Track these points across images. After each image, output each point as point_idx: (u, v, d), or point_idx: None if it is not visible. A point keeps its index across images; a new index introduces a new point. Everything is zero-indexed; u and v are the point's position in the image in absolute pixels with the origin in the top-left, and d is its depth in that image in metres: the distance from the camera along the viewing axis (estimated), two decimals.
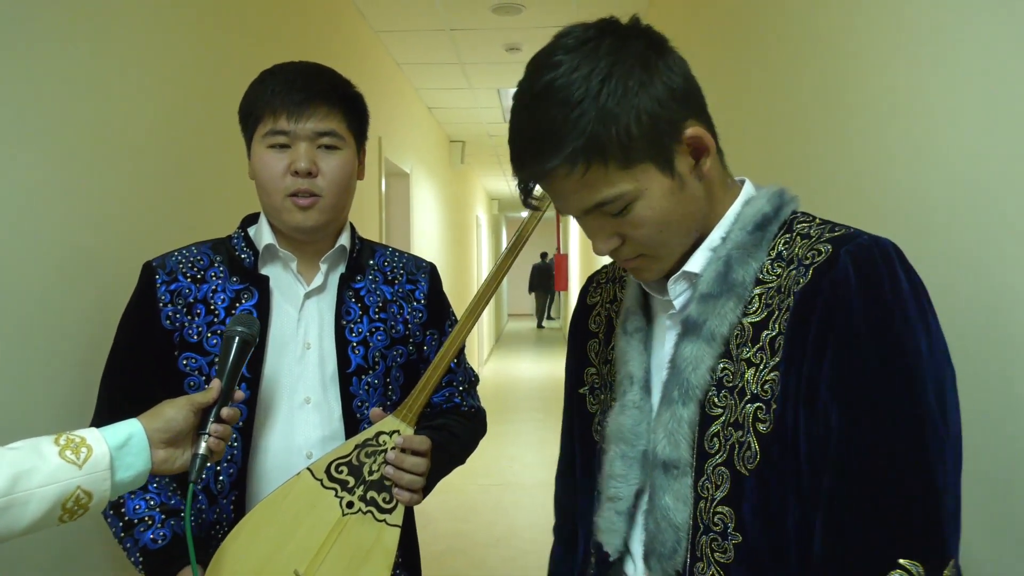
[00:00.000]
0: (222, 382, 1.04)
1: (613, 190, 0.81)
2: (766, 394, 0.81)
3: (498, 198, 13.78)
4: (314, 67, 1.29)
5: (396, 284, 1.36)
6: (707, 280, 0.86)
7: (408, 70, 4.94)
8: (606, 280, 1.07)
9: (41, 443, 0.89)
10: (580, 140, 0.78)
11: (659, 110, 0.80)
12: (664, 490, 0.86)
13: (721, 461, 0.83)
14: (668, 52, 0.84)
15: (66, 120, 1.37)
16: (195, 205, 1.88)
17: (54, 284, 1.34)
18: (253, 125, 1.24)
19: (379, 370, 1.29)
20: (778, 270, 0.84)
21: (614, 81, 0.78)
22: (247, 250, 1.28)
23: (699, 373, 0.85)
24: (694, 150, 0.84)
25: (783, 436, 0.79)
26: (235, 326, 1.09)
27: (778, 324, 0.81)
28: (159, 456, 0.97)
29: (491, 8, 3.78)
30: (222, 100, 1.97)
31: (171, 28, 1.79)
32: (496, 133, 7.17)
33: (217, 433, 1.02)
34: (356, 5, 3.71)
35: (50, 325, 1.32)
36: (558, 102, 0.78)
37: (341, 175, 1.24)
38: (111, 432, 0.94)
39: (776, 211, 0.87)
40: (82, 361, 1.37)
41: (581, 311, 1.09)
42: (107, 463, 0.90)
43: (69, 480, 0.87)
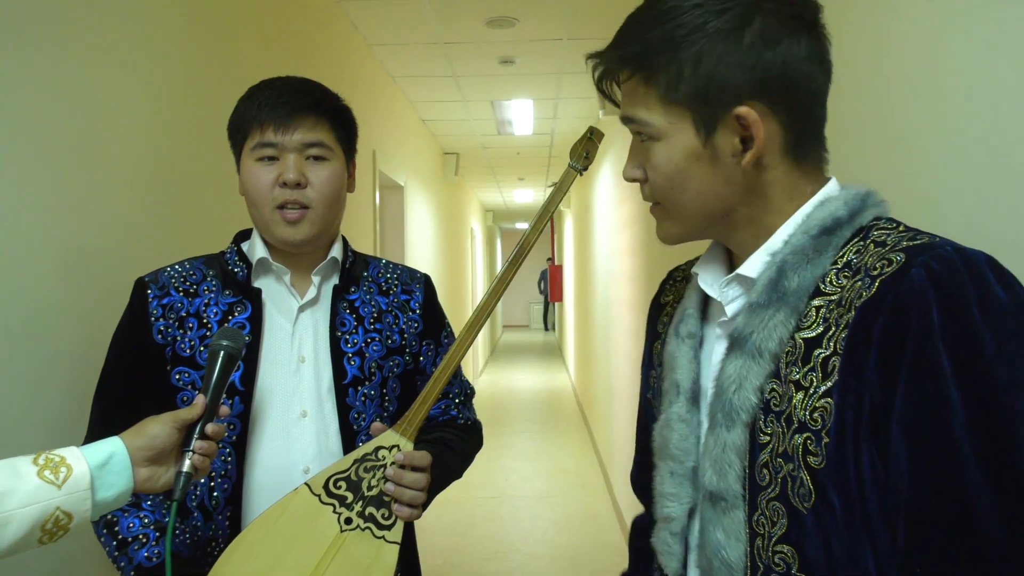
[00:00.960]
0: (206, 397, 1.03)
1: (643, 113, 0.79)
2: (815, 423, 0.70)
3: (492, 210, 13.79)
4: (300, 81, 1.28)
5: (391, 295, 1.35)
6: (758, 288, 0.77)
7: (402, 83, 4.94)
8: (681, 279, 1.00)
9: (19, 463, 0.86)
10: (637, 47, 0.77)
11: (721, 70, 0.74)
12: (714, 524, 0.77)
13: (774, 495, 0.73)
14: (792, 27, 0.75)
15: (60, 136, 1.36)
16: (188, 222, 1.87)
17: (47, 299, 1.32)
18: (241, 140, 1.24)
19: (375, 381, 1.27)
20: (843, 281, 0.72)
21: (703, 16, 0.74)
22: (240, 264, 1.27)
23: (743, 394, 0.75)
24: (744, 134, 0.76)
25: (842, 474, 0.68)
26: (220, 340, 1.07)
27: (834, 342, 0.70)
28: (142, 474, 0.95)
29: (484, 22, 3.79)
30: (216, 115, 1.97)
31: (166, 41, 1.79)
32: (490, 145, 7.18)
33: (201, 450, 0.99)
34: (350, 19, 3.72)
35: (43, 341, 1.31)
36: (648, 12, 0.78)
37: (330, 186, 1.24)
38: (92, 451, 0.91)
39: (852, 215, 0.76)
40: (75, 377, 1.35)
41: (654, 310, 1.02)
42: (87, 483, 0.88)
43: (48, 501, 0.85)
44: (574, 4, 3.58)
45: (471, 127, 6.36)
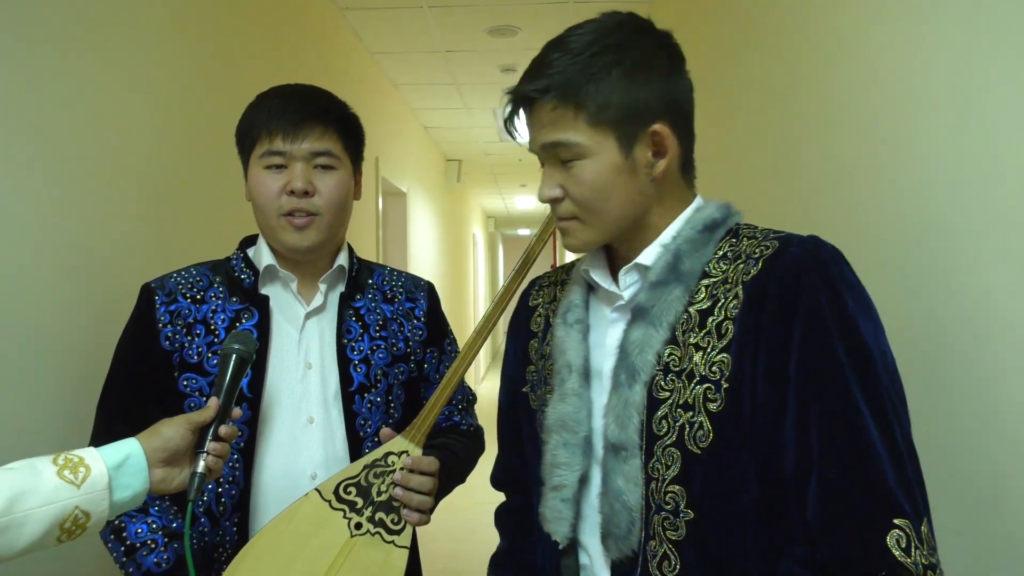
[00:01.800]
0: (219, 400, 1.04)
1: (572, 136, 0.89)
2: (715, 375, 0.86)
3: (494, 216, 13.80)
4: (309, 89, 1.30)
5: (396, 302, 1.36)
6: (657, 270, 0.92)
7: (405, 91, 4.97)
8: (548, 284, 1.12)
9: (39, 463, 0.88)
10: (563, 79, 0.88)
11: (642, 95, 0.89)
12: (616, 473, 0.89)
13: (671, 442, 0.87)
14: (677, 65, 0.94)
15: (66, 143, 1.38)
16: (193, 227, 1.89)
17: (52, 304, 1.34)
18: (249, 147, 1.25)
19: (381, 388, 1.29)
20: (723, 266, 0.91)
21: (614, 54, 0.88)
22: (247, 271, 1.28)
23: (645, 357, 0.89)
24: (656, 147, 0.91)
25: (738, 415, 0.84)
26: (232, 343, 1.09)
27: (724, 310, 0.88)
28: (157, 475, 0.97)
29: (486, 30, 3.82)
30: (221, 122, 1.99)
31: (172, 50, 1.81)
32: (492, 152, 7.20)
33: (215, 451, 1.01)
34: (352, 28, 3.75)
35: (48, 345, 1.33)
36: (562, 49, 0.90)
37: (337, 194, 1.25)
38: (109, 451, 0.93)
39: (723, 218, 0.94)
40: (80, 382, 1.37)
41: (523, 313, 1.13)
42: (105, 483, 0.90)
43: (67, 500, 0.87)
44: (574, 13, 3.61)
45: (473, 134, 6.38)
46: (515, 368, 1.11)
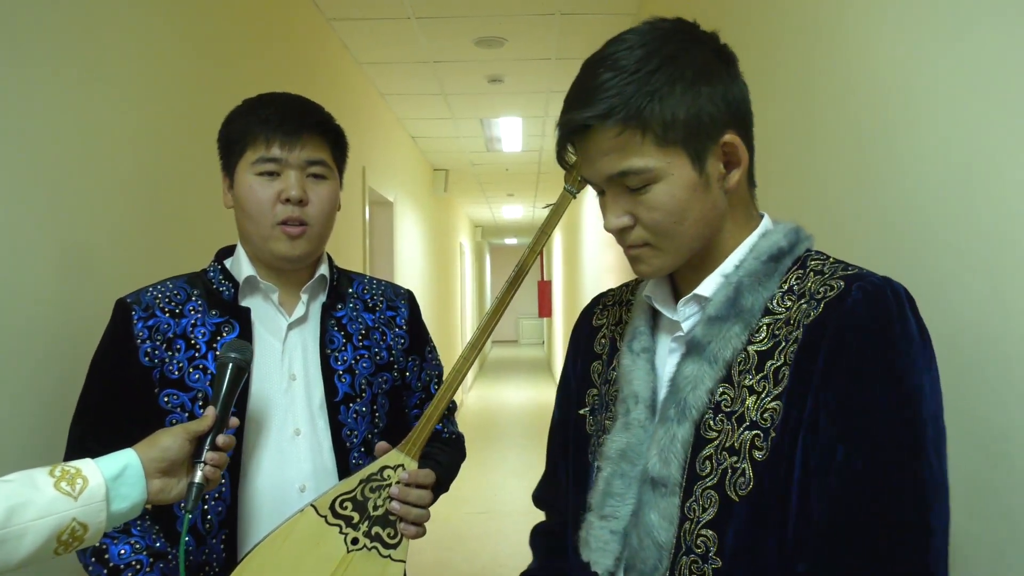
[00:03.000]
0: (216, 409, 1.03)
1: (642, 161, 0.83)
2: (765, 422, 0.81)
3: (481, 225, 13.81)
4: (301, 99, 1.30)
5: (377, 311, 1.36)
6: (716, 303, 0.87)
7: (392, 100, 4.97)
8: (612, 303, 1.08)
9: (36, 475, 0.87)
10: (622, 101, 0.81)
11: (707, 107, 0.83)
12: (651, 507, 0.86)
13: (712, 484, 0.84)
14: (734, 67, 0.88)
15: (50, 150, 1.37)
16: (178, 238, 1.87)
17: (29, 316, 1.32)
18: (239, 152, 1.23)
19: (366, 397, 1.28)
20: (788, 303, 0.85)
21: (672, 67, 0.82)
22: (225, 283, 1.26)
23: (697, 394, 0.85)
24: (727, 158, 0.86)
25: (777, 464, 0.80)
26: (228, 352, 1.08)
27: (784, 355, 0.82)
28: (155, 486, 0.96)
29: (474, 41, 3.83)
30: (206, 132, 1.97)
31: (159, 57, 1.80)
32: (479, 162, 7.21)
33: (213, 461, 1.01)
34: (340, 37, 3.75)
35: (25, 359, 1.31)
36: (613, 68, 0.83)
37: (329, 205, 1.25)
38: (106, 463, 0.92)
39: (791, 246, 0.88)
40: (57, 398, 1.34)
41: (585, 333, 1.08)
42: (103, 494, 0.89)
43: (64, 512, 0.86)
44: (561, 25, 3.63)
45: (460, 144, 6.39)
46: (575, 389, 1.06)
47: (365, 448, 1.26)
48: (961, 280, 0.96)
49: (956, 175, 0.98)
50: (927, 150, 1.04)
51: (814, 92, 1.43)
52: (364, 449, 1.26)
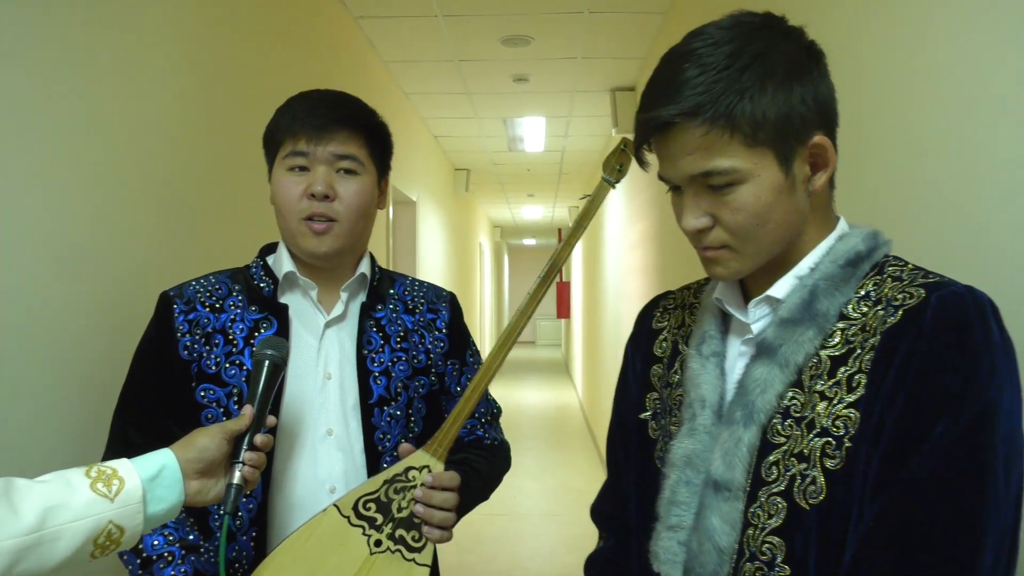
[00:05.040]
0: (253, 408, 1.02)
1: (728, 162, 0.81)
2: (837, 430, 0.79)
3: (501, 225, 13.80)
4: (338, 94, 1.29)
5: (417, 313, 1.34)
6: (789, 306, 0.85)
7: (415, 100, 4.97)
8: (674, 306, 1.06)
9: (71, 475, 0.86)
10: (710, 99, 0.79)
11: (798, 107, 0.81)
12: (713, 511, 0.84)
13: (779, 491, 0.81)
14: (823, 65, 0.86)
15: (84, 150, 1.37)
16: (212, 235, 1.88)
17: (71, 313, 1.33)
18: (275, 149, 1.24)
19: (401, 401, 1.27)
20: (864, 308, 0.83)
21: (762, 65, 0.80)
22: (266, 279, 1.26)
23: (766, 397, 0.83)
24: (814, 160, 0.84)
25: (851, 474, 0.78)
26: (264, 349, 1.07)
27: (859, 362, 0.80)
28: (192, 487, 0.94)
29: (500, 40, 3.82)
30: (235, 129, 1.98)
31: (185, 58, 1.80)
32: (500, 162, 7.20)
33: (251, 461, 0.99)
34: (366, 35, 3.75)
35: (61, 352, 1.31)
36: (699, 64, 0.80)
37: (358, 201, 1.23)
38: (143, 463, 0.91)
39: (870, 251, 0.86)
40: (98, 391, 1.35)
41: (645, 336, 1.06)
42: (139, 496, 0.88)
43: (101, 515, 0.84)
44: (589, 23, 3.60)
45: (482, 144, 6.38)
46: (635, 393, 1.04)
47: (397, 453, 1.25)
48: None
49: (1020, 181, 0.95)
50: (991, 155, 1.02)
51: (864, 91, 1.40)
52: (396, 454, 1.25)
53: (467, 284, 8.73)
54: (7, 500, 0.80)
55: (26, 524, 0.79)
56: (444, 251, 6.67)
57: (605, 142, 6.19)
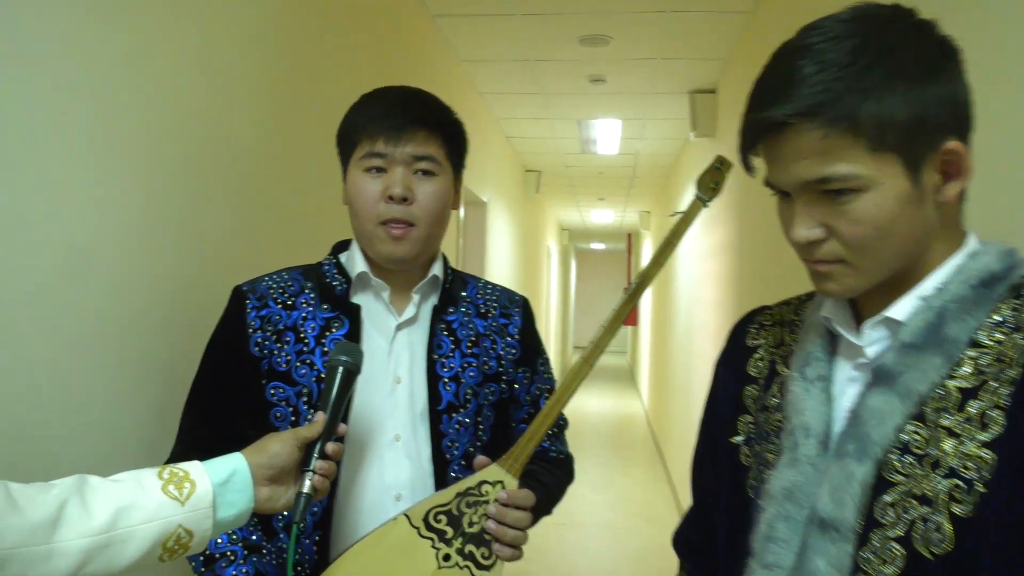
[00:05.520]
0: (326, 414, 1.00)
1: (848, 168, 0.74)
2: (968, 471, 0.71)
3: (569, 228, 13.75)
4: (415, 91, 1.26)
5: (489, 317, 1.31)
6: (913, 330, 0.78)
7: (489, 99, 4.96)
8: (772, 323, 0.99)
9: (144, 476, 0.86)
10: (831, 98, 0.72)
11: (933, 109, 0.74)
12: (818, 552, 0.77)
13: (895, 536, 0.74)
14: (958, 63, 0.78)
15: (160, 146, 1.38)
16: (287, 231, 1.89)
17: (143, 308, 1.34)
18: (350, 149, 1.22)
19: (470, 408, 1.23)
20: (999, 336, 0.75)
21: (891, 62, 0.73)
22: (339, 277, 1.25)
23: (883, 430, 0.76)
24: (946, 168, 0.77)
25: (986, 523, 0.70)
26: (339, 355, 1.05)
27: (995, 396, 0.72)
28: (262, 494, 0.93)
29: (578, 39, 3.77)
30: (311, 125, 1.99)
31: (263, 55, 1.81)
32: (573, 164, 7.15)
33: (322, 470, 0.97)
34: (443, 34, 3.75)
35: (139, 349, 1.32)
36: (817, 60, 0.74)
37: (436, 203, 1.21)
38: (214, 467, 0.90)
39: (1005, 271, 0.78)
40: (169, 386, 1.36)
41: (738, 353, 1.00)
42: (210, 500, 0.87)
43: (171, 518, 0.84)
44: (669, 23, 3.52)
45: (555, 145, 6.34)
46: (726, 414, 0.98)
47: (466, 461, 1.22)
48: None
49: None
50: None
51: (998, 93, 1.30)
52: (465, 463, 1.22)
53: (534, 287, 8.70)
54: (80, 497, 0.79)
55: (98, 523, 0.79)
56: (513, 253, 6.65)
57: (681, 146, 6.07)
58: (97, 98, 1.19)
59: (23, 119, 1.04)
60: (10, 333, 1.04)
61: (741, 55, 3.67)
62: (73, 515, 0.77)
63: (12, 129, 1.02)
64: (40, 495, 0.77)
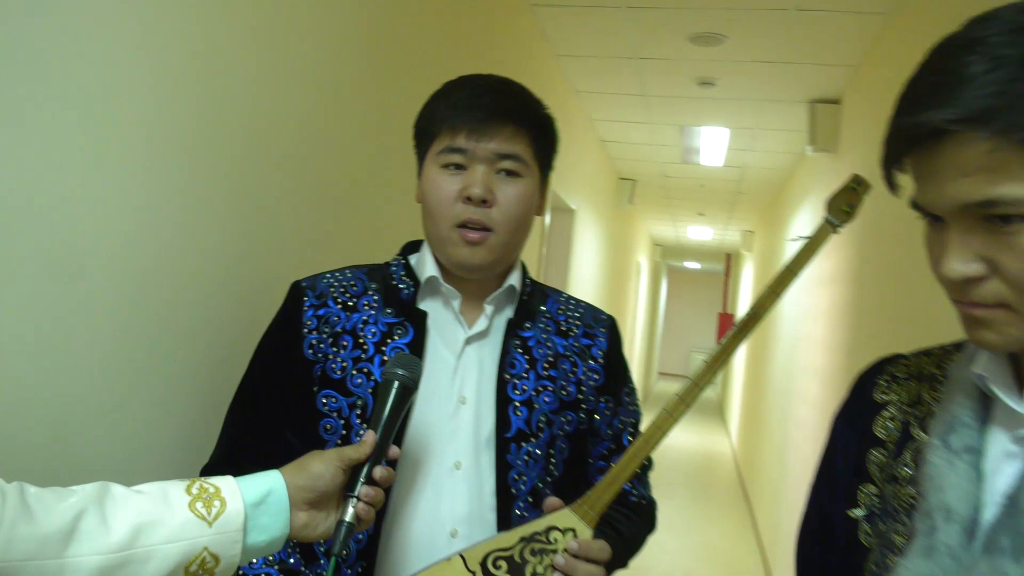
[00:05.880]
0: (376, 434, 0.96)
1: (1021, 189, 0.64)
2: None
3: (662, 244, 13.55)
4: (502, 81, 1.21)
5: (571, 337, 1.24)
6: None
7: (585, 99, 4.91)
8: (907, 376, 0.89)
9: (171, 490, 0.83)
10: (1004, 103, 0.63)
11: None
12: None
13: None
14: None
15: (224, 134, 1.37)
16: (352, 226, 1.87)
17: (191, 302, 1.33)
18: (428, 142, 1.18)
19: (542, 438, 1.17)
20: None
21: None
22: (406, 279, 1.21)
23: None
24: None
25: None
26: (395, 368, 1.00)
27: None
28: (299, 520, 0.89)
29: (688, 37, 3.67)
30: (392, 115, 1.97)
31: (344, 38, 1.80)
32: (672, 174, 7.02)
33: (367, 498, 0.93)
34: (540, 26, 3.72)
35: (185, 346, 1.31)
36: (989, 56, 0.65)
37: (518, 208, 1.15)
38: (249, 485, 0.86)
39: None
40: (215, 385, 1.34)
41: (863, 409, 0.91)
42: (240, 523, 0.83)
43: (196, 539, 0.80)
44: (793, 23, 3.38)
45: (653, 152, 6.23)
46: (844, 481, 0.90)
47: (533, 499, 1.15)
48: None
49: None
50: None
51: None
52: (532, 500, 1.15)
53: (620, 306, 8.57)
54: (99, 509, 0.76)
55: (116, 540, 0.76)
56: (600, 267, 6.56)
57: (796, 161, 5.86)
58: (156, 97, 1.19)
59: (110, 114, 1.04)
60: (50, 331, 1.03)
61: (874, 62, 3.49)
62: (90, 528, 0.74)
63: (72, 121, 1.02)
64: (57, 503, 0.74)
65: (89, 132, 1.05)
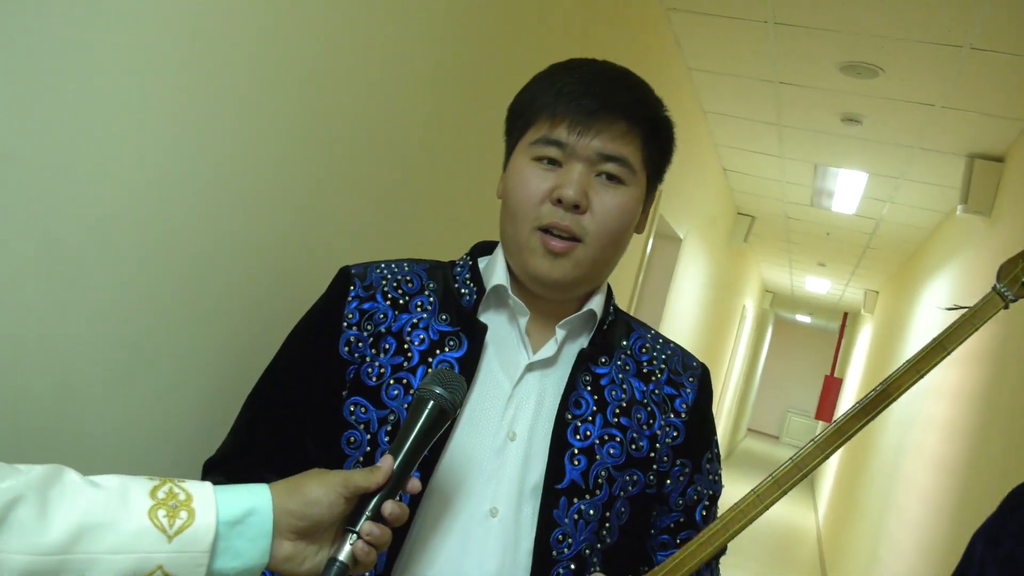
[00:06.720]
0: (395, 461, 0.85)
1: None
2: None
3: (773, 291, 13.16)
4: (619, 70, 1.10)
5: (652, 382, 1.11)
6: None
7: (712, 120, 4.74)
8: None
9: (133, 488, 0.72)
10: None
11: None
12: None
13: None
14: None
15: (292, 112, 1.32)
16: (416, 214, 1.79)
17: (250, 298, 1.26)
18: (521, 129, 1.07)
19: (600, 496, 1.03)
20: None
21: None
22: (470, 283, 1.10)
23: None
24: None
25: None
26: (433, 385, 0.89)
27: None
28: (283, 550, 0.78)
29: (839, 65, 3.46)
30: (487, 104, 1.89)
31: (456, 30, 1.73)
32: (797, 216, 6.75)
33: (371, 536, 0.81)
34: (674, 32, 3.58)
35: (216, 332, 1.24)
36: None
37: (616, 220, 1.03)
38: (228, 498, 0.76)
39: None
40: (238, 372, 1.27)
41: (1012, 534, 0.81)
42: (208, 542, 0.72)
43: (149, 554, 0.69)
44: (964, 62, 3.13)
45: (780, 189, 6.00)
46: None
47: (576, 566, 1.01)
48: None
49: None
50: None
51: None
52: (574, 567, 1.01)
53: (717, 352, 8.31)
54: (40, 500, 0.67)
55: (52, 540, 0.66)
56: (701, 306, 6.35)
57: (940, 220, 5.52)
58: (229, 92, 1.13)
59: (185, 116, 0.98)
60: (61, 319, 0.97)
61: None
62: (24, 520, 0.65)
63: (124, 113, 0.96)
64: None
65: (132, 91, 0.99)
